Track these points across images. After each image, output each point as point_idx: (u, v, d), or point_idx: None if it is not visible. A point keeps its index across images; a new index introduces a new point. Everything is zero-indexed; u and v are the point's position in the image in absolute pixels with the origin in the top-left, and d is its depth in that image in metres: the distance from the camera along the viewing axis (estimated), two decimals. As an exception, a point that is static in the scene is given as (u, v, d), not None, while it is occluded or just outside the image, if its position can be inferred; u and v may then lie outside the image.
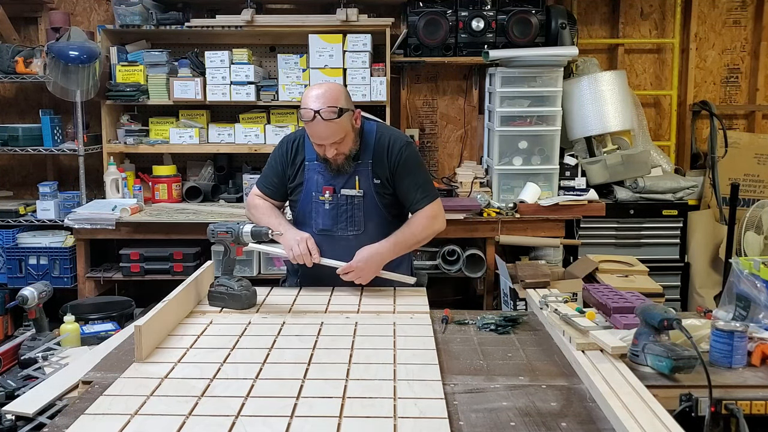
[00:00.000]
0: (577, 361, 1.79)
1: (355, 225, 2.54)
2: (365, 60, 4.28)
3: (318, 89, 2.40)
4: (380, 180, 2.52)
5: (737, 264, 2.13)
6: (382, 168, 2.52)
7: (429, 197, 2.56)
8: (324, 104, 2.33)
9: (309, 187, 2.56)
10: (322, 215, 2.54)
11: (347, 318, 2.22)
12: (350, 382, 1.68)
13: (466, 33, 4.34)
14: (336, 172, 2.50)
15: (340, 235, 2.54)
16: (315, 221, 2.55)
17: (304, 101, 2.39)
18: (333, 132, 2.37)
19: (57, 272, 4.22)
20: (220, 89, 4.34)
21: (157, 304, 2.04)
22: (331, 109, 2.33)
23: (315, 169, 2.54)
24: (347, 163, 2.48)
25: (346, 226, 2.54)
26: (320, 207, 2.54)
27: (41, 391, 1.71)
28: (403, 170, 2.53)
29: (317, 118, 2.33)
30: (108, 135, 4.45)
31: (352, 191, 2.52)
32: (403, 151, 2.52)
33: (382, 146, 2.52)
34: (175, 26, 4.33)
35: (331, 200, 2.52)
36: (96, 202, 4.25)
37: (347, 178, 2.51)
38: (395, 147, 2.52)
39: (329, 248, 2.50)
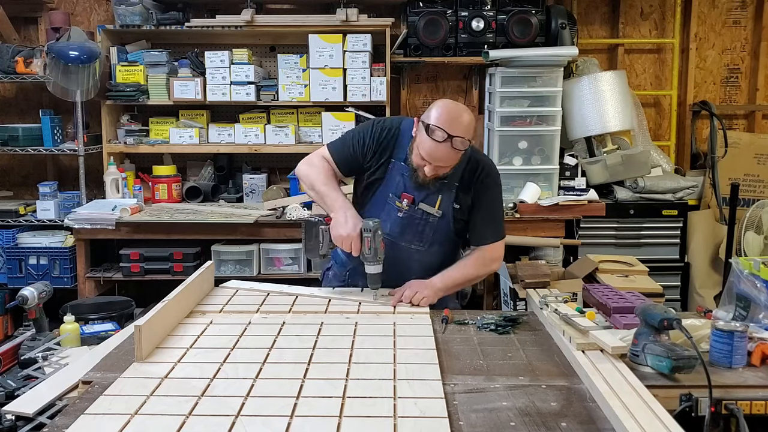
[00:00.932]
0: (577, 361, 1.78)
1: (422, 241, 2.43)
2: (365, 60, 4.28)
3: (462, 115, 2.25)
4: (460, 206, 2.41)
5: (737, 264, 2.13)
6: (467, 194, 2.40)
7: (497, 236, 2.46)
8: (462, 133, 2.21)
9: (388, 186, 2.42)
10: (392, 221, 2.41)
11: (347, 318, 2.22)
12: (350, 381, 1.68)
13: (466, 33, 4.34)
14: (418, 186, 2.38)
15: (403, 246, 2.44)
16: (383, 224, 2.38)
17: (440, 117, 2.22)
18: (451, 160, 2.27)
19: (57, 272, 4.22)
20: (220, 89, 4.34)
21: (157, 304, 2.04)
22: (465, 142, 2.23)
23: (399, 171, 2.40)
24: (433, 183, 2.36)
25: (412, 239, 2.43)
26: (393, 212, 2.41)
27: (41, 391, 1.71)
28: (483, 201, 2.42)
29: (447, 144, 2.20)
30: (108, 135, 4.46)
31: (431, 209, 2.40)
32: (491, 181, 2.43)
33: (472, 172, 2.40)
34: (175, 26, 4.33)
35: (407, 210, 2.39)
36: (96, 202, 4.25)
37: (429, 193, 2.39)
38: (487, 179, 2.42)
39: (388, 255, 2.36)
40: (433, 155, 2.25)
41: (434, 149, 2.23)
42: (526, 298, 2.66)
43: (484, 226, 2.44)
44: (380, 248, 2.29)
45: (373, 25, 4.32)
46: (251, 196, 4.53)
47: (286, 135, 4.39)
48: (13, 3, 4.49)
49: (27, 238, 4.31)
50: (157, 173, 4.53)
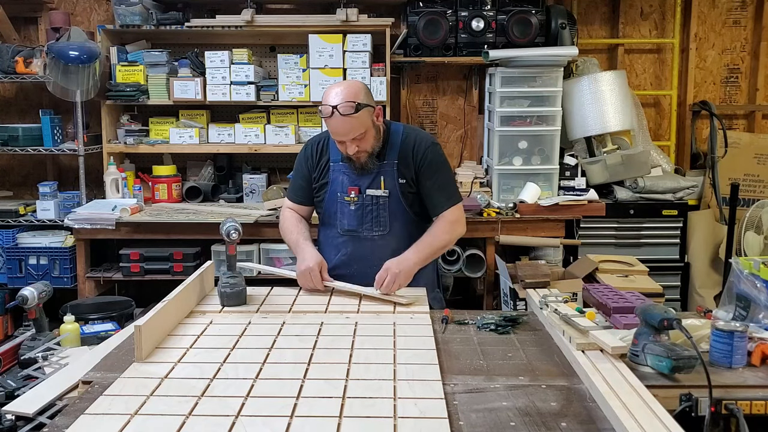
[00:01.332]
0: (577, 361, 1.78)
1: (381, 225, 2.55)
2: (365, 60, 4.28)
3: (337, 86, 2.42)
4: (405, 180, 2.52)
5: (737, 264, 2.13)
6: (408, 168, 2.52)
7: (452, 200, 2.56)
8: (342, 99, 2.35)
9: (334, 187, 2.57)
10: (348, 216, 2.56)
11: (347, 318, 2.22)
12: (350, 382, 1.68)
13: (466, 33, 4.33)
14: (360, 171, 2.51)
15: (366, 235, 2.56)
16: (340, 221, 2.57)
17: (323, 98, 2.41)
18: (352, 127, 2.38)
19: (57, 272, 4.22)
20: (220, 89, 4.34)
21: (157, 304, 2.04)
22: (349, 104, 2.34)
23: (340, 170, 2.55)
24: (371, 161, 2.49)
25: (371, 227, 2.55)
26: (346, 207, 2.56)
27: (41, 391, 1.71)
28: (428, 171, 2.52)
29: (335, 113, 2.34)
30: (108, 135, 4.45)
31: (378, 191, 2.52)
32: (429, 151, 2.53)
33: (408, 146, 2.53)
34: (175, 26, 4.33)
35: (357, 200, 2.54)
36: (96, 202, 4.25)
37: (372, 178, 2.52)
38: (421, 147, 2.53)
39: (354, 249, 2.55)
40: (336, 132, 2.42)
41: (331, 126, 2.41)
42: (526, 298, 2.66)
43: (435, 194, 2.55)
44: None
45: (373, 25, 4.32)
46: (251, 196, 4.53)
47: (286, 135, 4.39)
48: (13, 3, 4.49)
49: (27, 238, 4.31)
50: (157, 173, 4.53)
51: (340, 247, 2.60)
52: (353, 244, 2.56)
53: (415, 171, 2.53)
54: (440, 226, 2.54)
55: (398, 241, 2.54)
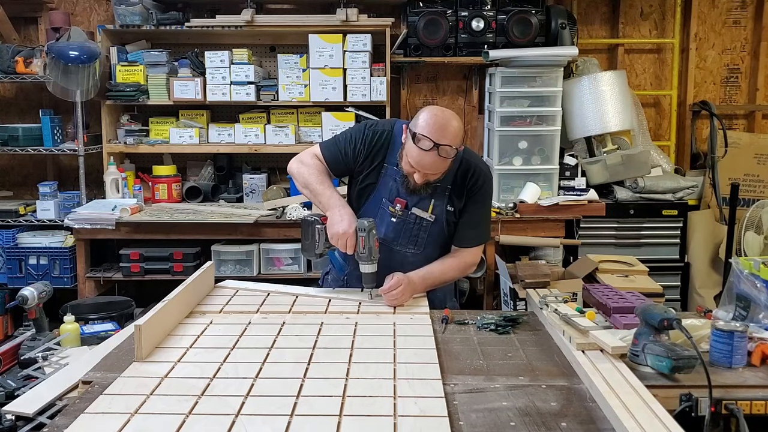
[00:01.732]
0: (577, 361, 1.78)
1: (417, 245, 2.45)
2: (365, 60, 4.28)
3: (450, 122, 2.23)
4: (454, 208, 2.42)
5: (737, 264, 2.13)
6: (459, 196, 2.41)
7: (479, 240, 2.48)
8: (449, 142, 2.20)
9: (381, 191, 2.43)
10: (386, 225, 2.43)
11: (347, 318, 2.22)
12: (350, 381, 1.68)
13: (466, 33, 4.34)
14: (411, 192, 2.38)
15: (398, 249, 2.45)
16: (378, 228, 2.38)
17: (426, 125, 2.20)
18: (439, 168, 2.27)
19: (57, 272, 4.22)
20: (220, 89, 4.34)
21: (157, 304, 2.04)
22: (453, 151, 2.22)
23: (392, 176, 2.41)
24: (425, 188, 2.36)
25: (406, 243, 2.45)
26: (386, 217, 2.43)
27: (41, 391, 1.71)
28: (472, 203, 2.42)
29: (434, 152, 2.19)
30: (108, 135, 4.46)
31: (424, 214, 2.41)
32: (483, 185, 2.43)
33: (465, 173, 2.40)
34: (175, 26, 4.33)
35: (400, 215, 2.41)
36: (96, 202, 4.25)
37: (422, 197, 2.39)
38: (479, 178, 2.41)
39: (383, 258, 2.37)
40: (420, 163, 2.25)
41: (421, 158, 2.23)
42: (526, 298, 2.66)
43: (467, 228, 2.45)
44: (374, 247, 2.29)
45: (373, 25, 4.32)
46: (251, 196, 4.53)
47: (286, 135, 4.39)
48: (13, 3, 4.49)
49: (27, 238, 4.31)
50: (157, 173, 4.53)
51: None
52: (382, 254, 2.37)
53: (464, 201, 2.42)
54: (456, 262, 2.46)
55: (428, 260, 2.45)
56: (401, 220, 2.42)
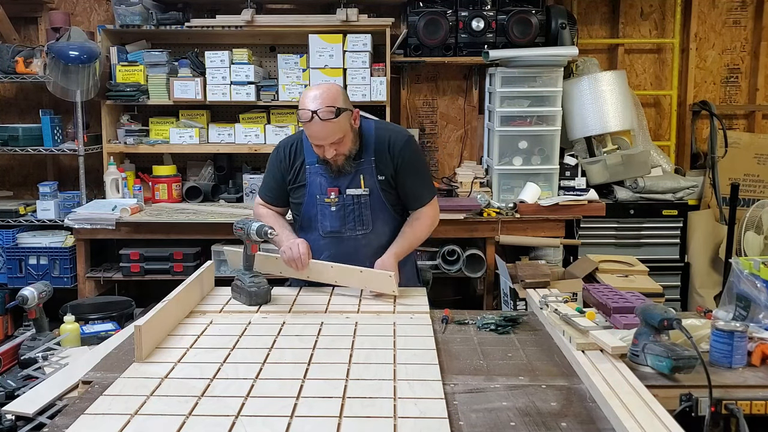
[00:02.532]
0: (577, 361, 1.78)
1: (363, 224, 2.54)
2: (365, 60, 4.28)
3: (315, 90, 2.39)
4: (384, 176, 2.52)
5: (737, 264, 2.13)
6: (386, 165, 2.51)
7: (431, 195, 2.60)
8: (322, 104, 2.32)
9: (312, 190, 2.54)
10: (329, 217, 2.54)
11: (347, 318, 2.22)
12: (350, 382, 1.68)
13: (466, 33, 4.33)
14: (337, 174, 2.49)
15: (348, 235, 2.54)
16: (321, 224, 2.55)
17: (301, 102, 2.38)
18: (331, 132, 2.36)
19: (57, 272, 4.22)
20: (220, 89, 4.34)
21: (157, 304, 2.04)
22: (329, 109, 2.32)
23: (317, 172, 2.53)
24: (348, 164, 2.47)
25: (354, 226, 2.53)
26: (326, 209, 2.53)
27: (41, 391, 1.71)
28: (408, 168, 2.52)
29: (315, 118, 2.32)
30: (108, 135, 4.46)
31: (358, 190, 2.50)
32: (405, 148, 2.53)
33: (383, 143, 2.51)
34: (175, 26, 4.33)
35: (338, 201, 2.51)
36: (96, 202, 4.25)
37: (351, 177, 2.50)
38: (397, 144, 2.52)
39: (337, 250, 2.53)
40: (314, 135, 2.38)
41: (311, 130, 2.37)
42: (526, 298, 2.66)
43: (417, 190, 2.56)
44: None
45: (373, 25, 4.32)
46: (251, 196, 4.53)
47: (286, 135, 4.38)
48: (13, 3, 4.49)
49: (27, 238, 4.31)
50: (157, 173, 4.53)
51: (322, 249, 2.57)
52: (336, 245, 2.54)
53: (394, 168, 2.51)
54: (421, 222, 2.58)
55: (380, 238, 2.55)
56: (340, 206, 2.52)
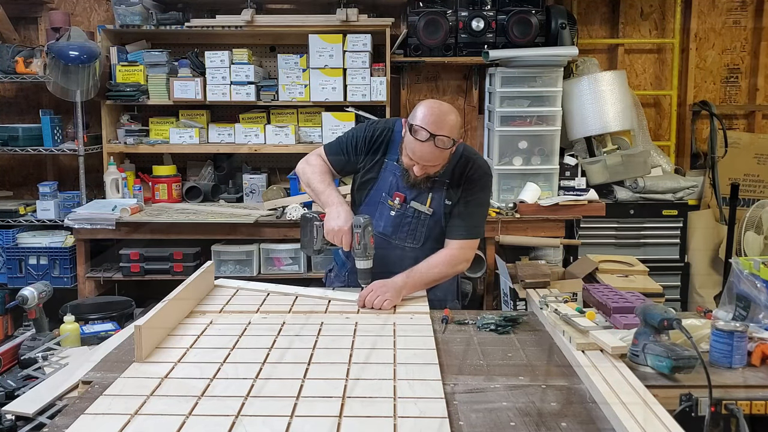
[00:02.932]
0: (577, 361, 1.78)
1: (415, 239, 2.47)
2: (365, 60, 4.28)
3: (444, 115, 2.27)
4: (452, 202, 2.44)
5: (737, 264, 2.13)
6: (456, 191, 2.44)
7: (470, 234, 2.46)
8: (445, 133, 2.24)
9: (381, 186, 2.48)
10: (386, 219, 2.47)
11: (347, 318, 2.22)
12: (350, 381, 1.68)
13: (466, 33, 4.33)
14: (411, 185, 2.42)
15: (397, 244, 2.48)
16: (377, 222, 2.46)
17: (423, 117, 2.25)
18: (436, 159, 2.29)
19: (57, 272, 4.22)
20: (220, 89, 4.34)
21: (157, 304, 2.04)
22: (448, 140, 2.25)
23: (392, 170, 2.46)
24: (425, 182, 2.40)
25: (405, 237, 2.48)
26: (386, 210, 2.47)
27: (41, 391, 1.71)
28: (467, 196, 2.44)
29: (430, 143, 2.23)
30: (108, 135, 4.46)
31: (422, 207, 2.44)
32: (480, 180, 2.45)
33: (463, 168, 2.43)
34: (175, 26, 4.33)
35: (399, 208, 2.45)
36: (96, 202, 4.25)
37: (421, 191, 2.43)
38: (475, 174, 2.43)
39: (382, 253, 2.41)
40: (417, 155, 2.30)
41: (418, 149, 2.28)
42: (526, 298, 2.66)
43: (460, 219, 2.45)
44: (370, 244, 2.32)
45: (373, 25, 4.32)
46: (251, 196, 4.53)
47: (286, 135, 4.39)
48: (13, 3, 4.49)
49: (27, 238, 4.31)
50: (157, 173, 4.53)
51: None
52: (382, 248, 2.42)
53: (460, 193, 2.44)
54: (445, 258, 2.44)
55: (426, 254, 2.46)
56: (399, 214, 2.46)
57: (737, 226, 4.09)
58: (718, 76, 4.86)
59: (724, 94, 4.88)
